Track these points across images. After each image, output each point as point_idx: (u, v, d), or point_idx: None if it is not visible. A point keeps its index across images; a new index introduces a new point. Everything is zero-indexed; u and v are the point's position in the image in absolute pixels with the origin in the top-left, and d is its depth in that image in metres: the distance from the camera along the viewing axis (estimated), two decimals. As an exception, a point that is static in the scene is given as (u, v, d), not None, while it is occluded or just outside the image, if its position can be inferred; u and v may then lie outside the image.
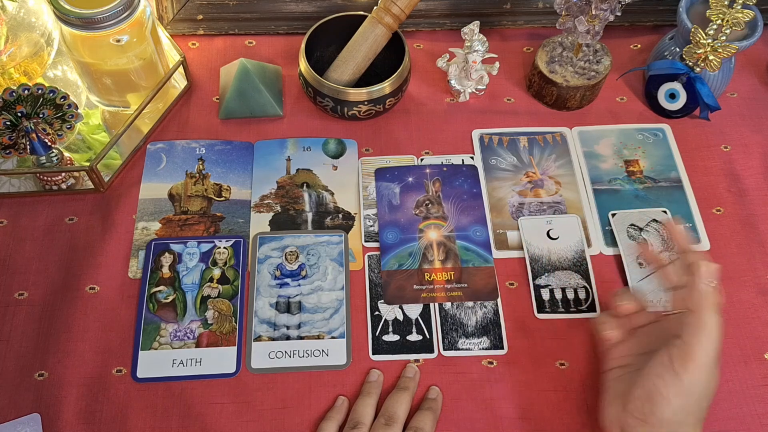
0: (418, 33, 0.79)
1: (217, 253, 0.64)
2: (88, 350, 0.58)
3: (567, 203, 0.68)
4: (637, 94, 0.76)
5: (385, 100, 0.69)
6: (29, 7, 0.67)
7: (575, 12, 0.67)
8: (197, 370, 0.58)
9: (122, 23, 0.62)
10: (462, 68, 0.71)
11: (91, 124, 0.70)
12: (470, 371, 0.59)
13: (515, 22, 0.79)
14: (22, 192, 0.66)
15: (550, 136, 0.72)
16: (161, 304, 0.61)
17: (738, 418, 0.57)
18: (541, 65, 0.72)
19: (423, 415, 0.54)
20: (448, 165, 0.70)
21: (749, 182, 0.69)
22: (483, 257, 0.64)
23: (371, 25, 0.68)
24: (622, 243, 0.65)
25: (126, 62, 0.65)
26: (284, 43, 0.78)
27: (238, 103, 0.71)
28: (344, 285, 0.62)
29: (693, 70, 0.70)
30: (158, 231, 0.65)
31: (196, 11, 0.76)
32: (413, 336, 0.60)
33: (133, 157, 0.69)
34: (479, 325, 0.61)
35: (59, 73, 0.73)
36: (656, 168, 0.70)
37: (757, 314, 0.62)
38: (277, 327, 0.60)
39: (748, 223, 0.67)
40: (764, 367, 0.59)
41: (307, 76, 0.68)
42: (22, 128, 0.61)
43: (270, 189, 0.68)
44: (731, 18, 0.65)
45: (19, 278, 0.62)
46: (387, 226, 0.65)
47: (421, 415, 0.54)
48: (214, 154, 0.70)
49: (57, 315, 0.60)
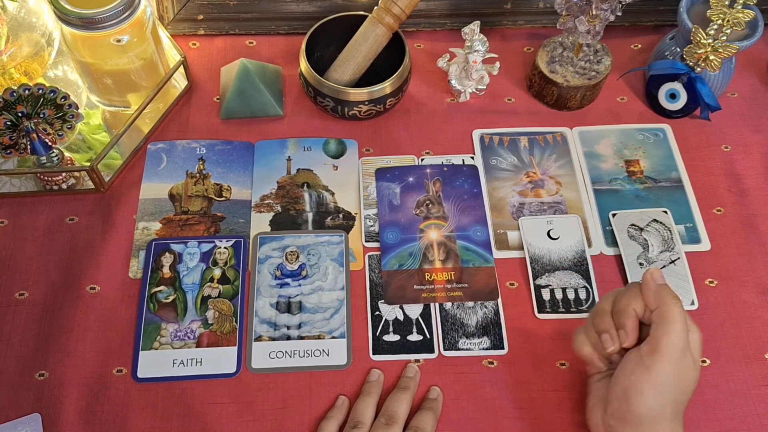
0: (419, 33, 0.79)
1: (218, 253, 0.64)
2: (88, 350, 0.59)
3: (567, 203, 0.68)
4: (638, 94, 0.76)
5: (385, 100, 0.69)
6: (30, 7, 0.67)
7: (576, 12, 0.67)
8: (198, 370, 0.58)
9: (123, 23, 0.62)
10: (462, 68, 0.71)
11: (92, 124, 0.70)
12: (470, 371, 0.59)
13: (516, 22, 0.79)
14: (22, 192, 0.66)
15: (551, 136, 0.72)
16: (162, 304, 0.61)
17: (738, 418, 0.57)
18: (542, 65, 0.72)
19: (423, 415, 0.54)
20: (449, 165, 0.70)
21: (750, 182, 0.69)
22: (483, 257, 0.64)
23: (372, 25, 0.68)
24: (623, 243, 0.65)
25: (126, 62, 0.65)
26: (285, 43, 0.78)
27: (238, 103, 0.71)
28: (345, 285, 0.62)
29: (693, 70, 0.70)
30: (159, 231, 0.65)
31: (196, 11, 0.76)
32: (413, 336, 0.60)
33: (133, 157, 0.69)
34: (479, 325, 0.61)
35: (60, 73, 0.73)
36: (657, 168, 0.70)
37: (757, 314, 0.62)
38: (278, 327, 0.60)
39: (749, 223, 0.67)
40: (764, 367, 0.59)
41: (308, 76, 0.68)
42: (23, 128, 0.61)
43: (270, 189, 0.68)
44: (732, 18, 0.65)
45: (19, 278, 0.62)
46: (387, 226, 0.65)
47: (421, 414, 0.54)
48: (215, 154, 0.70)
49: (57, 315, 0.60)
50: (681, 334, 0.48)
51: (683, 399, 0.49)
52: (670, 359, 0.47)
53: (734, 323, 0.61)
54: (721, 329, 0.61)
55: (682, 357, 0.48)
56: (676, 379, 0.48)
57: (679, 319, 0.48)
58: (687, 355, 0.48)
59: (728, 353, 0.60)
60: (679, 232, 0.66)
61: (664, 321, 0.48)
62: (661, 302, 0.49)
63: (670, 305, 0.48)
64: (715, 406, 0.57)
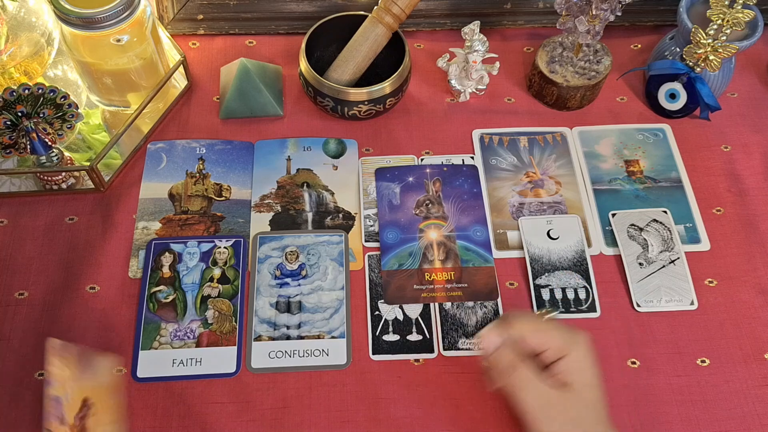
0: (419, 33, 0.79)
1: (218, 252, 0.64)
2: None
3: (567, 203, 0.68)
4: (638, 94, 0.76)
5: (385, 99, 0.69)
6: (30, 6, 0.67)
7: (576, 12, 0.67)
8: (197, 369, 0.58)
9: (122, 23, 0.62)
10: (462, 68, 0.71)
11: (92, 124, 0.70)
12: (470, 371, 0.59)
13: (515, 22, 0.79)
14: (22, 192, 0.66)
15: (551, 136, 0.72)
16: (161, 304, 0.61)
17: (738, 418, 0.57)
18: (542, 65, 0.72)
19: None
20: (449, 165, 0.70)
21: (749, 182, 0.69)
22: (483, 257, 0.64)
23: (372, 24, 0.68)
24: (623, 243, 0.65)
25: (126, 62, 0.65)
26: (284, 42, 0.78)
27: (238, 103, 0.71)
28: (344, 285, 0.62)
29: (693, 70, 0.70)
30: (158, 231, 0.65)
31: (196, 11, 0.76)
32: (413, 336, 0.60)
33: (133, 157, 0.69)
34: (479, 325, 0.61)
35: (59, 73, 0.73)
36: (656, 168, 0.70)
37: (757, 314, 0.62)
38: (278, 327, 0.60)
39: (749, 223, 0.67)
40: (764, 367, 0.59)
41: (308, 75, 0.68)
42: (23, 128, 0.61)
43: (270, 189, 0.68)
44: (731, 18, 0.65)
45: (19, 278, 0.62)
46: (387, 226, 0.65)
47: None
48: (215, 154, 0.70)
49: (57, 315, 0.60)
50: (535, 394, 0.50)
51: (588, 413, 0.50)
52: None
53: (734, 323, 0.61)
54: (720, 329, 0.61)
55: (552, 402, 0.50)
56: (546, 403, 0.50)
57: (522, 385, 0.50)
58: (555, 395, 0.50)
59: (728, 353, 0.60)
60: (679, 232, 0.66)
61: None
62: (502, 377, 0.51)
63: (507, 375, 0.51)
64: (715, 406, 0.57)
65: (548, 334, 0.52)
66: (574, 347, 0.51)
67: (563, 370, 0.51)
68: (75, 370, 0.49)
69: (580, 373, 0.51)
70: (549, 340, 0.51)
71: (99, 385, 0.51)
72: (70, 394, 0.48)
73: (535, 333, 0.52)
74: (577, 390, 0.50)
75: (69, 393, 0.48)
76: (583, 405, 0.50)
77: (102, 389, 0.51)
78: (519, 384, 0.50)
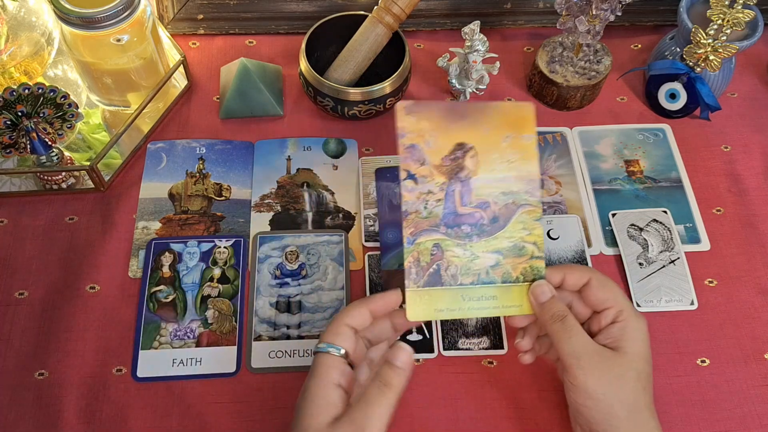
0: (419, 33, 0.79)
1: (218, 252, 0.64)
2: (88, 350, 0.58)
3: (567, 203, 0.68)
4: (638, 94, 0.76)
5: (385, 99, 0.69)
6: (30, 6, 0.67)
7: (576, 12, 0.67)
8: (197, 369, 0.58)
9: (123, 23, 0.62)
10: (462, 68, 0.71)
11: (92, 124, 0.70)
12: (470, 371, 0.59)
13: (516, 21, 0.79)
14: (22, 191, 0.66)
15: (551, 136, 0.72)
16: (161, 304, 0.61)
17: (738, 418, 0.57)
18: (542, 65, 0.72)
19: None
20: (449, 165, 0.69)
21: (750, 182, 0.69)
22: (483, 257, 0.64)
23: (372, 24, 0.68)
24: (623, 243, 0.65)
25: (126, 62, 0.65)
26: (284, 42, 0.78)
27: (238, 103, 0.71)
28: (344, 285, 0.62)
29: (693, 70, 0.70)
30: (158, 230, 0.65)
31: (196, 11, 0.76)
32: (413, 336, 0.60)
33: (133, 157, 0.69)
34: (479, 324, 0.61)
35: (60, 73, 0.73)
36: (656, 168, 0.70)
37: (757, 314, 0.62)
38: (277, 326, 0.60)
39: (749, 223, 0.67)
40: (764, 367, 0.59)
41: (308, 75, 0.68)
42: (23, 127, 0.61)
43: (270, 188, 0.68)
44: (732, 18, 0.65)
45: (19, 278, 0.62)
46: (387, 226, 0.65)
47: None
48: (215, 154, 0.70)
49: (57, 314, 0.60)
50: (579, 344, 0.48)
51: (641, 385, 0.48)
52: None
53: (734, 323, 0.61)
54: (720, 329, 0.61)
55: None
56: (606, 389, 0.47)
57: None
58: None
59: (728, 353, 0.60)
60: (679, 232, 0.66)
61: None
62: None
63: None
64: (715, 406, 0.57)
65: (615, 292, 0.50)
66: (636, 318, 0.49)
67: (618, 335, 0.48)
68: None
69: (635, 343, 0.48)
70: (615, 297, 0.49)
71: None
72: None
73: (603, 287, 0.50)
74: (629, 355, 0.47)
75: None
76: (631, 369, 0.47)
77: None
78: (568, 331, 0.47)
